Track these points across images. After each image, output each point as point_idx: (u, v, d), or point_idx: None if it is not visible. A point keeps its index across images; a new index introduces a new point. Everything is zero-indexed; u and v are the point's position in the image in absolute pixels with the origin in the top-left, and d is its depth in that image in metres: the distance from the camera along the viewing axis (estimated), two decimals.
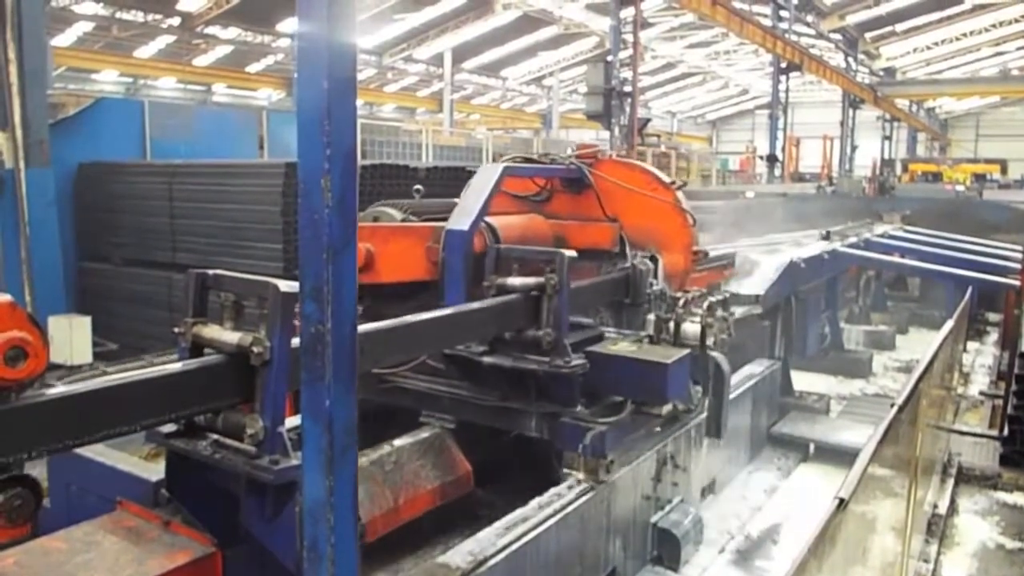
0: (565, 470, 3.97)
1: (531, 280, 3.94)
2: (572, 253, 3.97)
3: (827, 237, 9.48)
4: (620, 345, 4.19)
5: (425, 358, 4.08)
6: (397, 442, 3.98)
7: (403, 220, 4.62)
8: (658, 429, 4.48)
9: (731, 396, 5.93)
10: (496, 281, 4.03)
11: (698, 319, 4.41)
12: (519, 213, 5.22)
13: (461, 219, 4.30)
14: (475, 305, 3.84)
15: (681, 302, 4.49)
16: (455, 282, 4.15)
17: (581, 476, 3.92)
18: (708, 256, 5.24)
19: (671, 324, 4.45)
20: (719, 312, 4.55)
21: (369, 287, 4.27)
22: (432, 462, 4.00)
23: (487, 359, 3.97)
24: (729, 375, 4.70)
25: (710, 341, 4.43)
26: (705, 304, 4.47)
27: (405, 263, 4.29)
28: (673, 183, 5.11)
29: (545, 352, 3.86)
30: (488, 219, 4.57)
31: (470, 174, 5.05)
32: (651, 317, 4.53)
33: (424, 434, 4.14)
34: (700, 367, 4.46)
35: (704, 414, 4.75)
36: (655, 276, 4.92)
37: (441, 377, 4.23)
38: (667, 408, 4.21)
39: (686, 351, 4.14)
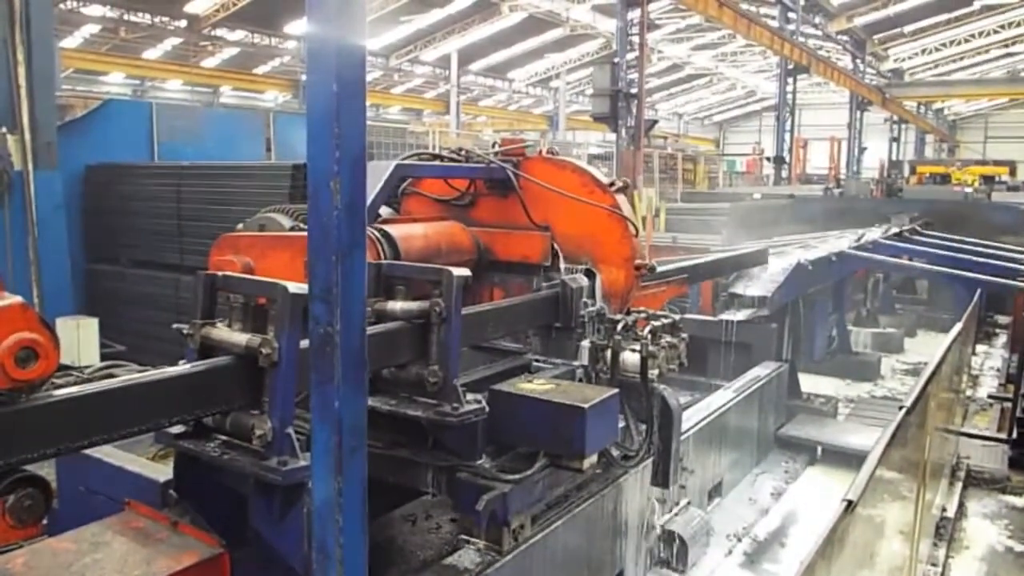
0: (462, 536, 3.33)
1: (414, 305, 3.18)
2: (464, 272, 3.18)
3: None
4: (535, 383, 3.45)
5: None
6: None
7: (291, 228, 3.86)
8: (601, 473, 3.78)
9: (738, 398, 5.97)
10: (375, 305, 3.25)
11: (638, 347, 3.81)
12: (444, 219, 4.52)
13: None
14: None
15: (620, 326, 3.90)
16: None
17: (480, 545, 3.26)
18: (655, 271, 4.50)
19: (608, 352, 3.87)
20: (665, 338, 3.91)
21: None
22: None
23: None
24: (679, 412, 4.03)
25: (654, 373, 3.79)
26: (647, 329, 3.86)
27: (285, 280, 3.49)
28: (612, 184, 4.35)
29: (432, 394, 3.12)
30: (386, 227, 3.95)
31: None
32: (585, 344, 3.95)
33: None
34: (644, 404, 3.90)
35: (650, 459, 4.04)
36: (592, 295, 4.14)
37: None
38: (591, 461, 3.37)
39: (614, 391, 3.41)
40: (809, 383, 8.02)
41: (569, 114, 39.15)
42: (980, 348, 8.95)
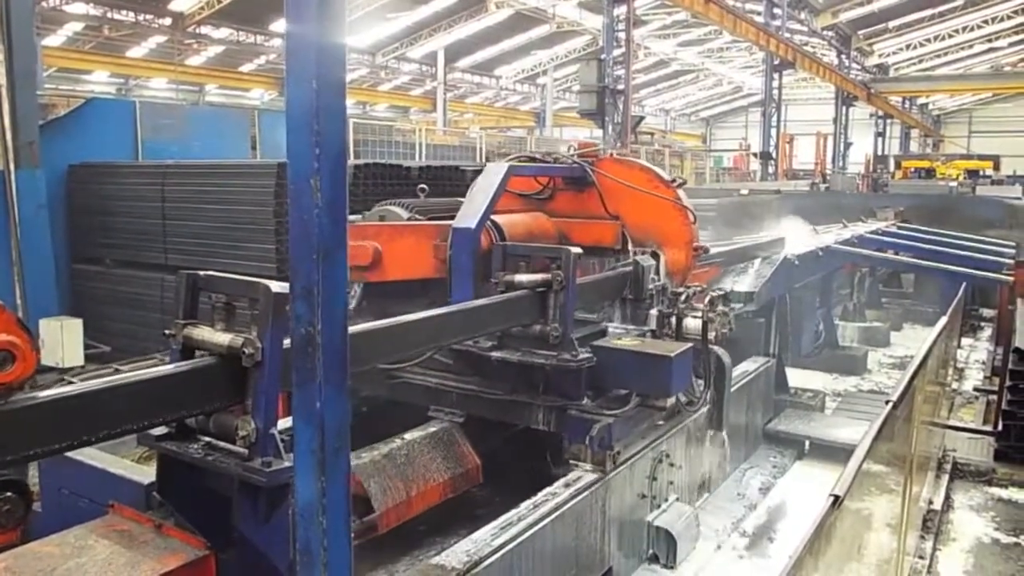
0: (571, 461, 4.07)
1: (538, 276, 4.04)
2: (577, 250, 4.08)
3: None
4: (625, 340, 4.34)
5: (432, 354, 4.16)
6: (408, 436, 4.09)
7: (409, 219, 4.69)
8: (661, 422, 4.53)
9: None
10: (504, 278, 4.11)
11: (699, 314, 4.56)
12: (524, 211, 5.32)
13: (468, 217, 4.38)
14: (483, 301, 3.94)
15: (683, 297, 4.65)
16: (463, 279, 4.23)
17: (588, 467, 4.01)
18: (708, 252, 5.35)
19: (673, 319, 4.61)
20: (720, 307, 4.66)
21: (375, 285, 4.46)
22: (442, 455, 4.12)
23: (496, 354, 4.09)
24: (730, 369, 4.80)
25: (711, 335, 4.56)
26: (706, 299, 4.61)
27: (412, 261, 4.42)
28: (673, 181, 5.20)
29: (552, 347, 3.99)
30: (493, 217, 4.66)
31: (463, 173, 5.07)
32: (654, 312, 4.69)
33: (433, 428, 4.25)
34: (702, 361, 4.57)
35: (706, 407, 4.82)
36: (657, 272, 5.00)
37: (450, 372, 4.34)
38: (671, 401, 4.29)
39: (688, 345, 4.26)
40: (797, 378, 8.03)
41: (556, 111, 39.05)
42: (966, 341, 8.99)
